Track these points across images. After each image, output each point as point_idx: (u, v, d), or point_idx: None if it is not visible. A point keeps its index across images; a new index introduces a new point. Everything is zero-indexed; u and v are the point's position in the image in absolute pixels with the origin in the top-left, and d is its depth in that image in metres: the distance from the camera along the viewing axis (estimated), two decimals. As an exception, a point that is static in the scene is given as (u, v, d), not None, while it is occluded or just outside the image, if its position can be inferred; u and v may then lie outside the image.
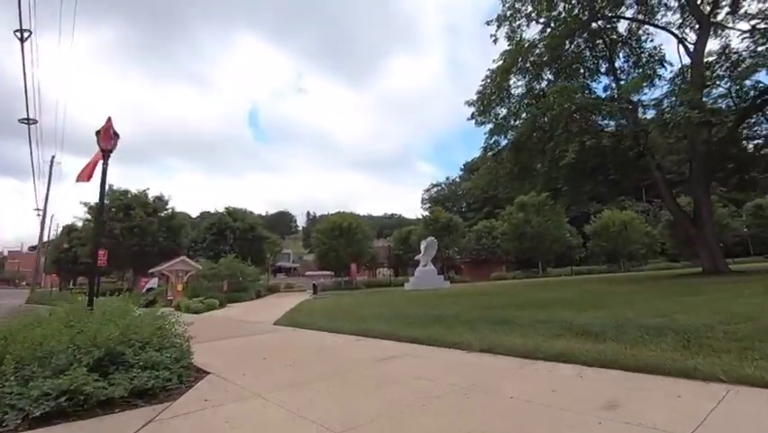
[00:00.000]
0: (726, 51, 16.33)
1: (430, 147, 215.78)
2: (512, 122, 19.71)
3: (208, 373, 5.13)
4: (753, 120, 15.96)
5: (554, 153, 17.32)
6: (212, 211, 57.84)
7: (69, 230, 39.11)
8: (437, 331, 7.05)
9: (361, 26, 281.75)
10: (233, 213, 34.72)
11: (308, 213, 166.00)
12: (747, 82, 14.60)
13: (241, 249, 33.14)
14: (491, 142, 20.89)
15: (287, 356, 6.03)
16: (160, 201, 33.78)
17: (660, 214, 43.65)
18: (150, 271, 25.54)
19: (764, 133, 16.09)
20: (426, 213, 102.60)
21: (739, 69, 14.88)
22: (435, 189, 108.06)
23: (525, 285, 20.55)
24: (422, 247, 27.63)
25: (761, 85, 14.86)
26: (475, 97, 19.34)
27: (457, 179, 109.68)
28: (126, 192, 32.77)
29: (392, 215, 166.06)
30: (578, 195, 22.25)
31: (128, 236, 30.99)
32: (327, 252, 35.05)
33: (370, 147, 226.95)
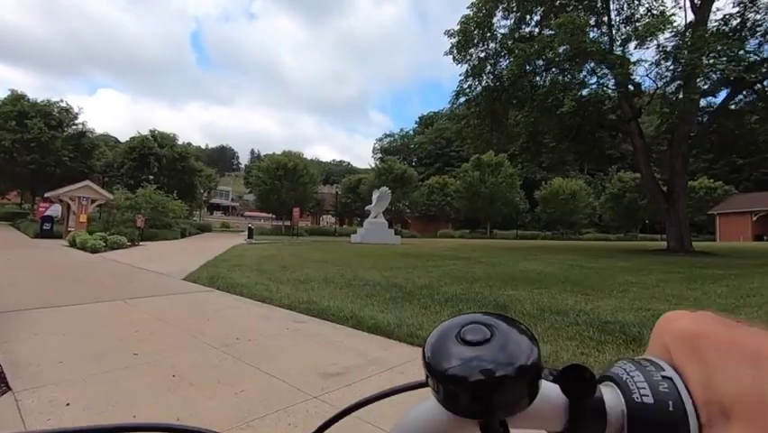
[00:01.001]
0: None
1: (387, 97, 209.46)
2: (491, 65, 17.32)
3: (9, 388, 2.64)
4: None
5: (545, 102, 15.36)
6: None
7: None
8: (413, 316, 4.95)
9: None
10: (158, 137, 29.90)
11: (252, 150, 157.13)
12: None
13: (169, 181, 28.94)
14: (466, 86, 18.50)
15: (174, 354, 3.60)
16: (67, 114, 28.10)
17: (606, 187, 44.70)
18: (47, 195, 21.13)
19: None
20: (378, 163, 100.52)
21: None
22: (388, 140, 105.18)
23: (489, 248, 19.21)
24: (374, 198, 25.42)
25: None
26: (457, 27, 16.58)
27: (411, 132, 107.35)
28: (21, 97, 26.74)
29: (341, 162, 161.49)
30: (561, 153, 20.70)
31: (22, 152, 25.59)
32: (268, 193, 31.76)
33: (323, 89, 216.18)
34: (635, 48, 15.84)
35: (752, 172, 52.47)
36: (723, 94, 14.83)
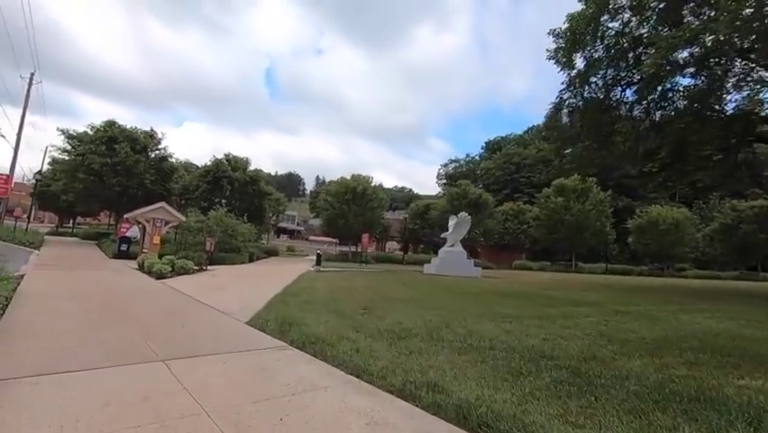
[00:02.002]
0: None
1: (445, 124, 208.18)
2: (603, 68, 14.57)
3: None
4: None
5: (703, 103, 12.34)
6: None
7: (53, 162, 34.94)
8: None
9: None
10: (231, 160, 30.18)
11: (317, 177, 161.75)
12: None
13: (240, 203, 28.87)
14: (566, 96, 15.96)
15: None
16: (151, 139, 29.26)
17: (714, 216, 38.60)
18: (126, 216, 21.37)
19: None
20: (441, 189, 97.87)
21: None
22: (453, 166, 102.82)
23: (599, 286, 16.02)
24: (451, 224, 23.14)
25: None
26: (564, 26, 14.24)
27: (477, 158, 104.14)
28: (113, 123, 28.25)
29: (402, 188, 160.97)
30: (728, 168, 16.80)
31: (110, 174, 26.72)
32: (336, 217, 30.64)
33: (383, 117, 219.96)
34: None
35: None
36: None
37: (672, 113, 14.43)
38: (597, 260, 39.72)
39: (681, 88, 14.24)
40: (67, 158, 27.66)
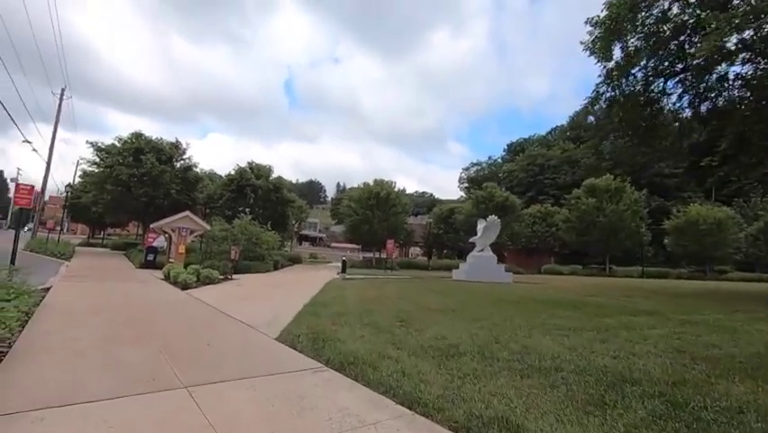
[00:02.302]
0: None
1: (464, 127, 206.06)
2: (646, 57, 13.56)
3: None
4: None
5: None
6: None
7: (84, 174, 35.78)
8: None
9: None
10: (255, 168, 30.16)
11: (338, 184, 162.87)
12: None
13: (263, 211, 28.76)
14: (601, 90, 15.04)
15: None
16: (176, 149, 29.54)
17: (759, 216, 36.37)
18: (152, 225, 21.43)
19: None
20: (463, 193, 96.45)
21: None
22: (475, 169, 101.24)
23: (649, 292, 14.91)
24: (479, 228, 22.30)
25: None
26: (603, 13, 13.36)
27: (499, 160, 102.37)
28: (139, 135, 28.67)
29: (423, 192, 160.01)
30: (748, 168, 15.52)
31: (137, 185, 27.04)
32: (360, 223, 30.16)
33: (401, 123, 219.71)
34: None
35: None
36: None
37: (724, 102, 13.32)
38: (631, 263, 37.96)
39: (733, 76, 13.13)
40: (96, 170, 28.20)
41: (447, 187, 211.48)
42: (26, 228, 56.78)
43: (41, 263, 18.99)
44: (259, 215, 27.65)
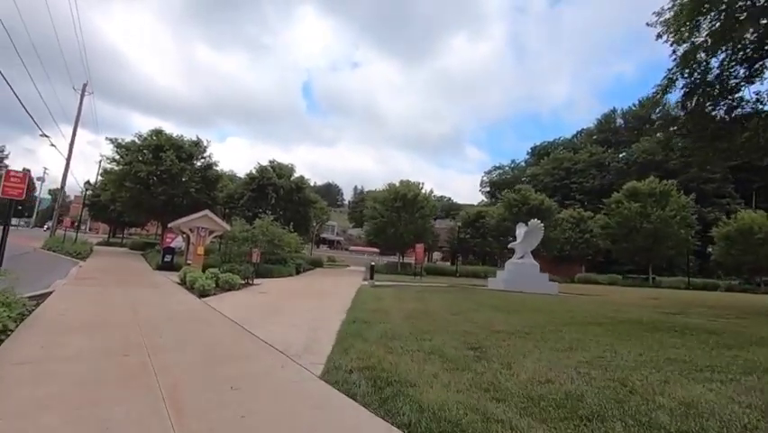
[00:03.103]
0: None
1: (481, 132, 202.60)
2: (725, 41, 11.69)
3: None
4: None
5: None
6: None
7: (105, 172, 35.23)
8: None
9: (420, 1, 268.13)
10: (276, 167, 28.95)
11: (356, 187, 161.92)
12: None
13: (284, 212, 27.50)
14: (674, 78, 13.12)
15: None
16: (197, 147, 28.56)
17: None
18: (170, 225, 20.31)
19: None
20: (485, 197, 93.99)
21: None
22: (497, 173, 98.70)
23: (743, 311, 12.91)
24: (519, 233, 20.50)
25: None
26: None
27: (522, 164, 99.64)
28: (159, 132, 27.79)
29: (441, 196, 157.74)
30: None
31: (156, 183, 26.12)
32: (384, 226, 28.57)
33: (419, 127, 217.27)
34: None
35: None
36: None
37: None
38: (671, 273, 35.41)
39: None
40: (116, 168, 27.42)
41: (464, 191, 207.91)
42: (45, 227, 56.32)
43: (54, 263, 18.02)
44: (280, 216, 26.42)
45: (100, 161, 26.71)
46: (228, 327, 6.75)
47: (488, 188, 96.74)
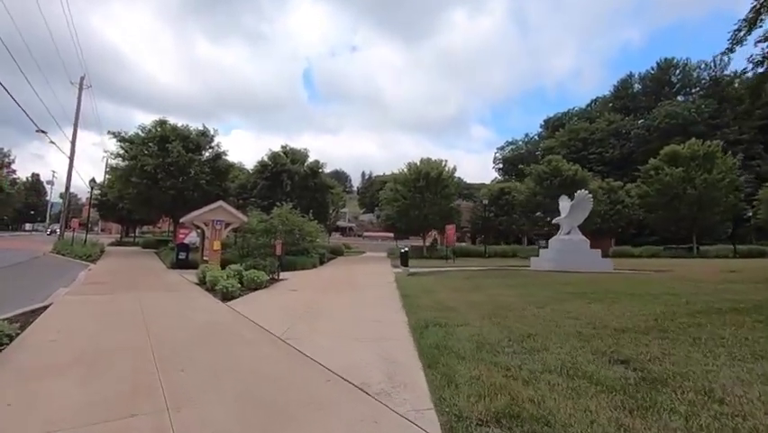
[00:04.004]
0: None
1: (486, 110, 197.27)
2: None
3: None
4: None
5: None
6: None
7: (110, 169, 33.83)
8: None
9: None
10: (289, 153, 27.19)
11: (363, 173, 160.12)
12: None
13: (301, 200, 25.85)
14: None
15: None
16: (204, 136, 26.88)
17: None
18: (182, 220, 18.81)
19: None
20: (498, 175, 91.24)
21: None
22: (510, 148, 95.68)
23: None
24: (563, 206, 18.64)
25: None
26: None
27: (536, 138, 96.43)
28: (164, 122, 26.14)
29: (450, 177, 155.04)
30: None
31: (164, 177, 24.59)
32: (408, 209, 26.78)
33: (423, 109, 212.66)
34: None
35: None
36: None
37: None
38: (710, 241, 33.14)
39: None
40: (121, 163, 25.92)
41: (472, 171, 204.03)
42: (49, 231, 55.03)
43: (62, 268, 16.67)
44: (296, 204, 24.82)
45: (105, 158, 25.21)
46: (270, 344, 5.12)
47: (501, 165, 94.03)
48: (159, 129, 25.71)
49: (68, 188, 27.09)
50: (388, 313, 7.24)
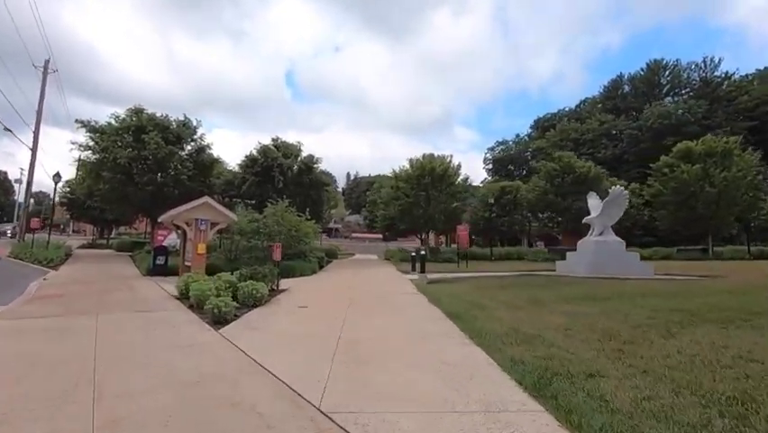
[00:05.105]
0: None
1: (471, 112, 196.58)
2: None
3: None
4: None
5: None
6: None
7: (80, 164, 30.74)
8: None
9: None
10: (281, 146, 24.76)
11: (348, 174, 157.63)
12: None
13: (294, 198, 23.46)
14: None
15: None
16: (185, 127, 24.23)
17: None
18: (160, 219, 16.29)
19: None
20: (488, 175, 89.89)
21: None
22: (500, 149, 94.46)
23: None
24: (591, 204, 16.83)
25: None
26: None
27: (526, 138, 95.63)
28: (140, 110, 23.43)
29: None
30: None
31: (140, 171, 21.94)
32: (411, 207, 24.64)
33: (408, 110, 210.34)
34: None
35: None
36: None
37: None
38: (719, 242, 31.99)
39: None
40: (91, 156, 23.09)
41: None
42: (8, 232, 49.91)
43: (14, 275, 13.99)
44: (290, 202, 22.47)
45: (72, 150, 22.33)
46: (309, 430, 2.89)
47: (490, 166, 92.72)
48: (134, 118, 22.97)
49: (30, 183, 24.09)
50: (452, 346, 5.11)
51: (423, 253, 14.79)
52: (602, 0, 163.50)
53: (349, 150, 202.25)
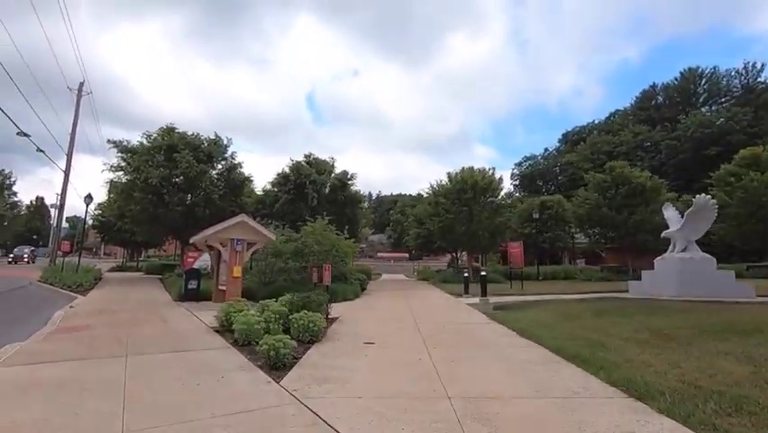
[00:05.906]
0: None
1: (488, 130, 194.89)
2: None
3: None
4: None
5: None
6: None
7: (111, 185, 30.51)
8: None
9: (418, 2, 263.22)
10: (314, 163, 23.71)
11: (369, 193, 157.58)
12: None
13: (327, 215, 22.24)
14: None
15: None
16: (216, 147, 23.54)
17: None
18: (191, 240, 15.24)
19: None
20: (517, 192, 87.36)
21: None
22: (528, 164, 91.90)
23: None
24: (668, 216, 14.92)
25: None
26: None
27: (554, 153, 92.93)
28: (172, 129, 22.93)
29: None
30: None
31: (171, 191, 21.20)
32: (453, 224, 22.97)
33: (425, 129, 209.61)
34: None
35: None
36: None
37: None
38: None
39: None
40: (122, 177, 22.57)
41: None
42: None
43: (42, 302, 13.03)
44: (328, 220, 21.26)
45: (103, 171, 21.87)
46: None
47: (517, 182, 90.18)
48: (166, 137, 22.44)
49: (62, 205, 23.70)
50: (628, 419, 3.47)
51: (483, 273, 13.02)
52: (618, 17, 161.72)
53: (367, 170, 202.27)
